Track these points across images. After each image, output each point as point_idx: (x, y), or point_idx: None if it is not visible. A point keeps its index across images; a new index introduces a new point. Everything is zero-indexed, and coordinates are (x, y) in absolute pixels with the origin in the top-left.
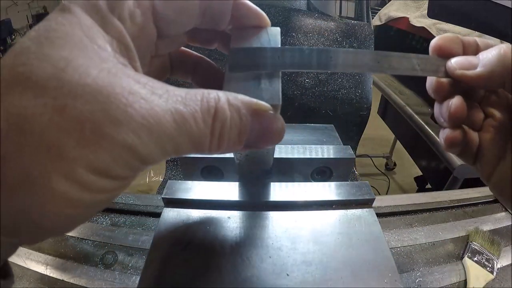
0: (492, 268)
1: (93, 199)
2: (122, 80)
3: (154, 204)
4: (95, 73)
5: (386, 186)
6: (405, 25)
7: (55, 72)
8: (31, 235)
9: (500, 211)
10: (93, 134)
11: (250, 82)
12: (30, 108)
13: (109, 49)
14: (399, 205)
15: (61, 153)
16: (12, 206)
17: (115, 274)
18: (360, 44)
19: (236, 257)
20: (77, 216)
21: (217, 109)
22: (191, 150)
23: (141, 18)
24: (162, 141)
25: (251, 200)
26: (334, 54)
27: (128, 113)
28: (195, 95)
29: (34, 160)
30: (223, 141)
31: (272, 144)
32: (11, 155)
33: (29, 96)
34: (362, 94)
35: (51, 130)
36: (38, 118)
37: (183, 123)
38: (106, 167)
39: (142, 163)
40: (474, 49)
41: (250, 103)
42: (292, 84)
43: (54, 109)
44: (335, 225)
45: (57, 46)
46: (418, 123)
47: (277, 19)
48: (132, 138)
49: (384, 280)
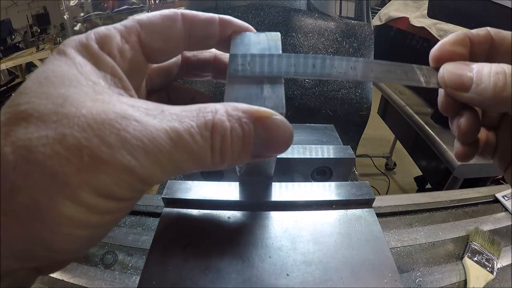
0: (492, 268)
1: (100, 221)
2: (115, 107)
3: (154, 204)
4: (90, 104)
5: (386, 186)
6: (405, 25)
7: (54, 107)
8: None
9: (500, 211)
10: (91, 159)
11: (252, 90)
12: (34, 140)
13: (102, 83)
14: (399, 205)
15: (65, 179)
16: (25, 233)
17: (115, 274)
18: (360, 44)
19: (236, 257)
20: (88, 237)
21: (215, 122)
22: (193, 167)
23: (130, 52)
24: (160, 161)
25: (251, 200)
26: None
27: (121, 136)
28: (190, 110)
29: (41, 188)
30: (226, 154)
31: (281, 151)
32: (20, 185)
33: (32, 130)
34: (362, 94)
35: (53, 159)
36: (41, 149)
37: (179, 140)
38: (108, 190)
39: (143, 183)
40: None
41: (251, 110)
42: (292, 84)
43: (54, 140)
44: (335, 225)
45: (56, 84)
46: (418, 123)
47: (277, 19)
48: (129, 160)
49: (384, 280)
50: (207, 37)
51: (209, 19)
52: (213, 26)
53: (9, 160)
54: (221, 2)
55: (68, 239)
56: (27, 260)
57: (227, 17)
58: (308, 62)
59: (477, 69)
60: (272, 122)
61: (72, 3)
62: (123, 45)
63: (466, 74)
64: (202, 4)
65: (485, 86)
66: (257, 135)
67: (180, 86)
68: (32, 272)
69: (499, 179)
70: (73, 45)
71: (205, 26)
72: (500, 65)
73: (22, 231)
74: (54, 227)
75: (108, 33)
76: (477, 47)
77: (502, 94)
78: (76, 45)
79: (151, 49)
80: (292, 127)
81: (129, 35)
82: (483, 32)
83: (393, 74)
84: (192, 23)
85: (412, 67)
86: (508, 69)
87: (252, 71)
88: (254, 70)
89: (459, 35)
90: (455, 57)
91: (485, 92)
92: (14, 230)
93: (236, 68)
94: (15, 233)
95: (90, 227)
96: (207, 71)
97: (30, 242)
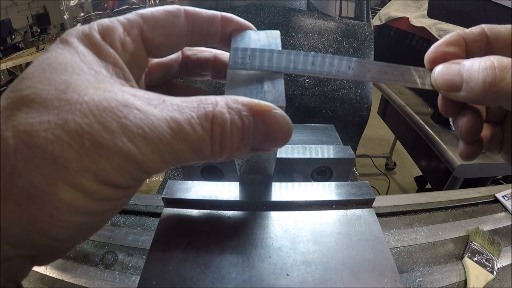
0: (492, 268)
1: (99, 208)
2: (117, 95)
3: (154, 204)
4: (92, 92)
5: (386, 186)
6: (405, 25)
7: (56, 93)
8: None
9: (500, 211)
10: (92, 145)
11: (253, 84)
12: (35, 124)
13: (104, 72)
14: (399, 205)
15: (65, 164)
16: (23, 218)
17: (115, 274)
18: (360, 44)
19: (236, 257)
20: (86, 225)
21: (215, 114)
22: (193, 157)
23: (132, 45)
24: (160, 149)
25: (251, 200)
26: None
27: (122, 123)
28: (191, 102)
29: (41, 172)
30: (225, 146)
31: (280, 145)
32: (20, 169)
33: (33, 115)
34: (362, 94)
35: (54, 144)
36: (43, 133)
37: (179, 130)
38: (108, 176)
39: (143, 171)
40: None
41: (251, 103)
42: (292, 84)
43: (56, 125)
44: (335, 225)
45: (59, 71)
46: (418, 123)
47: (277, 19)
48: (129, 147)
49: (384, 280)
50: (208, 34)
51: (212, 16)
52: (215, 24)
53: (10, 144)
54: (221, 2)
55: (66, 225)
56: (23, 247)
57: (229, 15)
58: (307, 59)
59: (467, 66)
60: (272, 116)
61: (72, 3)
62: (125, 37)
63: (456, 74)
64: (202, 4)
65: (475, 83)
66: (257, 128)
67: (182, 85)
68: (27, 261)
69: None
70: (76, 34)
71: (207, 23)
72: (489, 58)
73: (20, 216)
74: (53, 212)
75: (111, 25)
76: (473, 45)
77: (492, 89)
78: (79, 35)
79: (152, 43)
80: (291, 122)
81: (132, 28)
82: (477, 30)
83: (390, 75)
84: (194, 20)
85: (409, 69)
86: (498, 61)
87: (252, 64)
88: (254, 64)
89: (452, 35)
90: (450, 57)
91: (476, 89)
92: (12, 215)
93: (236, 60)
94: (13, 218)
95: (88, 213)
96: (207, 71)
97: (27, 227)
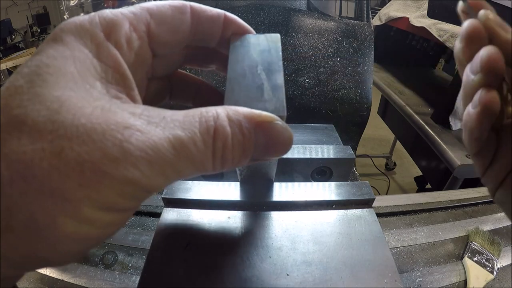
0: (492, 268)
1: (102, 233)
2: (116, 115)
3: (154, 204)
4: (88, 112)
5: (386, 186)
6: (405, 25)
7: (49, 114)
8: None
9: (500, 211)
10: (93, 173)
11: (253, 92)
12: (29, 153)
13: (99, 87)
14: (399, 205)
15: (65, 196)
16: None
17: (115, 274)
18: (360, 44)
19: (236, 257)
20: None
21: (217, 128)
22: (194, 172)
23: (137, 42)
24: (163, 170)
25: (251, 200)
26: None
27: (124, 148)
28: (193, 116)
29: (39, 205)
30: (227, 160)
31: (280, 155)
32: (18, 203)
33: (26, 141)
34: (362, 94)
35: (52, 175)
36: (38, 163)
37: (182, 149)
38: (111, 203)
39: (147, 192)
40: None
41: (253, 115)
42: (292, 84)
43: (52, 154)
44: (335, 225)
45: (50, 84)
46: (418, 123)
47: (277, 19)
48: (133, 172)
49: (384, 280)
50: (210, 34)
51: (216, 15)
52: (217, 24)
53: (4, 175)
54: (221, 2)
55: (67, 253)
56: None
57: (232, 16)
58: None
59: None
60: (273, 127)
61: (72, 3)
62: (131, 34)
63: None
64: (202, 4)
65: None
66: (258, 140)
67: (185, 76)
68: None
69: None
70: (73, 30)
71: (211, 22)
72: None
73: (21, 248)
74: (54, 245)
75: (116, 20)
76: None
77: None
78: (77, 30)
79: (158, 41)
80: (291, 133)
81: (138, 24)
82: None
83: None
84: (199, 18)
85: None
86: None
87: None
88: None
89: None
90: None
91: None
92: (13, 246)
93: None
94: (14, 248)
95: (90, 240)
96: (212, 62)
97: (28, 257)
